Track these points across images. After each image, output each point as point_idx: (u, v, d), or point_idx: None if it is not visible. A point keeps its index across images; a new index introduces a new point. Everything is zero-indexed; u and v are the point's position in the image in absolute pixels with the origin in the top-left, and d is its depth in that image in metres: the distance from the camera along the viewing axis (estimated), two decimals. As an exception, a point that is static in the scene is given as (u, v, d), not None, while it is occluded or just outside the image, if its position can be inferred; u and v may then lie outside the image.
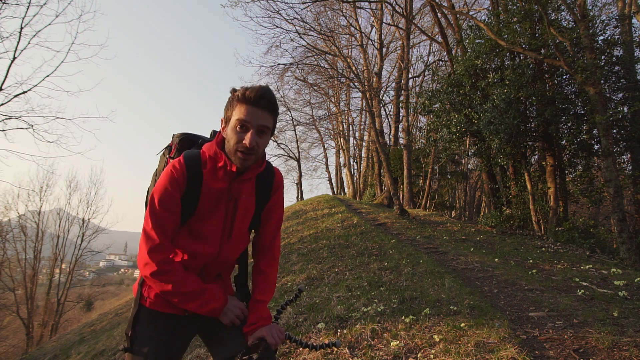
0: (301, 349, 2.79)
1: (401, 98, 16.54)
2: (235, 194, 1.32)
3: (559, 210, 8.54)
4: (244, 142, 1.21)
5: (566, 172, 9.27)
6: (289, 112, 23.23)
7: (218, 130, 1.45)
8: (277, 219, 1.48)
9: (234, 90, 1.24)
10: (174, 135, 1.51)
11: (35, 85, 11.13)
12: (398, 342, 2.60)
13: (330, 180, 28.17)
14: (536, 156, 10.24)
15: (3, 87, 10.50)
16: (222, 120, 1.30)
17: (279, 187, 1.45)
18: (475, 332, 2.59)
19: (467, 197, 21.90)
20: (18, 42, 10.82)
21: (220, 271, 1.46)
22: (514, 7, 8.88)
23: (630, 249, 6.55)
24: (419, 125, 20.76)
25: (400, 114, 17.47)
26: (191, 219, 1.31)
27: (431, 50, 20.36)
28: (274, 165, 1.48)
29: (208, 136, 1.50)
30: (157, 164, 1.52)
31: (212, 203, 1.30)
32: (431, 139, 12.98)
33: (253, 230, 1.50)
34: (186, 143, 1.44)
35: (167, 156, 1.45)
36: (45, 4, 10.93)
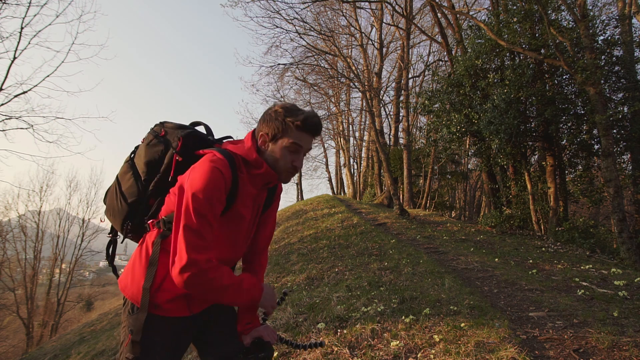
0: (300, 349, 2.80)
1: (401, 98, 16.53)
2: (259, 200, 1.38)
3: (559, 210, 8.54)
4: (294, 163, 1.30)
5: (566, 172, 9.27)
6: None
7: (201, 123, 1.47)
8: (272, 225, 1.55)
9: (287, 114, 1.25)
10: (164, 123, 1.43)
11: (36, 86, 11.23)
12: (398, 342, 2.60)
13: (330, 180, 28.21)
14: (536, 156, 10.24)
15: (3, 87, 10.55)
16: (263, 134, 1.29)
17: (279, 194, 1.53)
18: (475, 332, 2.59)
19: (467, 197, 21.90)
20: (18, 42, 10.88)
21: None
22: (514, 7, 8.88)
23: (630, 249, 6.55)
24: (419, 125, 20.79)
25: (400, 114, 17.45)
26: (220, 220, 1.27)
27: (431, 50, 20.38)
28: None
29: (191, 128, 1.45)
30: (143, 154, 1.39)
31: (244, 207, 1.31)
32: (431, 139, 12.99)
33: None
34: (195, 141, 1.37)
35: (174, 150, 1.35)
36: (45, 4, 10.96)
